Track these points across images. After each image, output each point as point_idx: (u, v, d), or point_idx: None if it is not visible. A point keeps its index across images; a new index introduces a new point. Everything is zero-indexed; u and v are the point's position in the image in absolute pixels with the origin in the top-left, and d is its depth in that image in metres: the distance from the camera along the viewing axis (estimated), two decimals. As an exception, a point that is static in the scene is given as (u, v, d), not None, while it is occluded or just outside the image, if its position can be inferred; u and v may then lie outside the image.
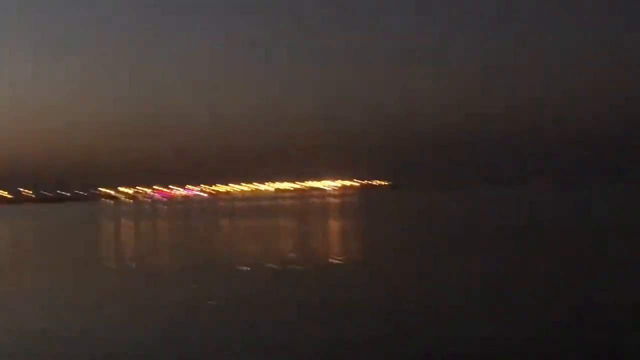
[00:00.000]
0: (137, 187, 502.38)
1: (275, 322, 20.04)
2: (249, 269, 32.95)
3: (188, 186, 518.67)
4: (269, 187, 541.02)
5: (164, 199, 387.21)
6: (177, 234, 66.89)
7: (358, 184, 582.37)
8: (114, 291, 27.87)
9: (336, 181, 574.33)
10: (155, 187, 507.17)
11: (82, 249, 52.00)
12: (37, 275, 35.40)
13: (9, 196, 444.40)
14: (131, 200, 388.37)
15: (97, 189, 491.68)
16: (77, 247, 54.97)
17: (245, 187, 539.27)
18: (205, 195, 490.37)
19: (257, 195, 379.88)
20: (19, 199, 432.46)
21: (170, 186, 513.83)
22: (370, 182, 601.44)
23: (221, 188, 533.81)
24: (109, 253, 49.19)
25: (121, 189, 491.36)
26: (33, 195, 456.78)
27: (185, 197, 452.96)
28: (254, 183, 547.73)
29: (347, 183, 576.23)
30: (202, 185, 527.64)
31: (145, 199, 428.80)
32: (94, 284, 30.32)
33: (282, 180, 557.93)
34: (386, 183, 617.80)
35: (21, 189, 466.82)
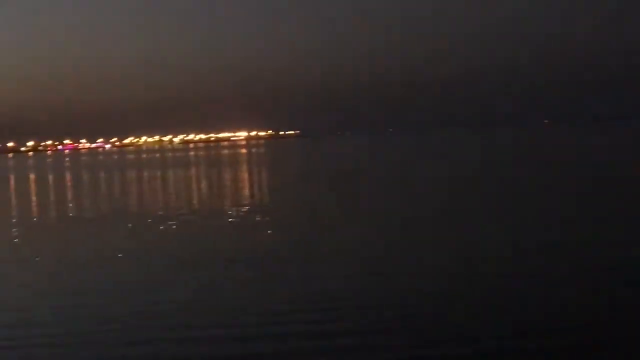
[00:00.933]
0: (45, 142, 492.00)
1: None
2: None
3: (98, 140, 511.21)
4: (176, 139, 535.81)
5: (68, 152, 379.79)
6: (68, 187, 65.73)
7: (267, 134, 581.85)
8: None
9: (245, 131, 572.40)
10: (65, 141, 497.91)
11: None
12: None
13: None
14: (31, 154, 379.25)
15: (2, 144, 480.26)
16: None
17: (151, 139, 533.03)
18: (110, 147, 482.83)
19: (162, 147, 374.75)
20: None
21: (81, 140, 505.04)
22: (280, 132, 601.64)
23: (127, 140, 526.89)
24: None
25: (28, 143, 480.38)
26: None
27: (91, 149, 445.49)
28: (161, 135, 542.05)
29: (256, 133, 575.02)
30: (111, 138, 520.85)
31: (49, 152, 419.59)
32: None
33: (190, 132, 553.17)
34: (295, 132, 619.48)
35: None
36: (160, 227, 30.24)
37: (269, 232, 27.16)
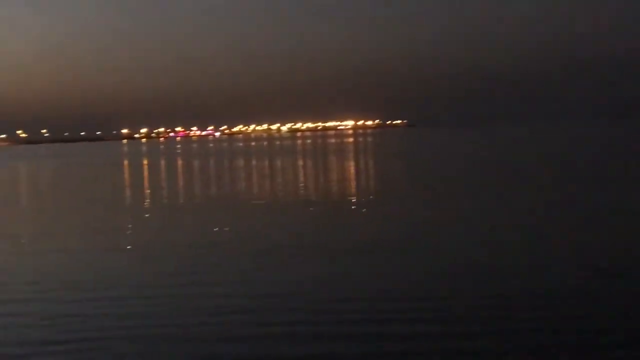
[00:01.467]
0: (157, 129, 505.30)
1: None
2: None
3: (208, 128, 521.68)
4: (284, 127, 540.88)
5: (179, 139, 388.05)
6: (188, 174, 65.85)
7: (374, 124, 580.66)
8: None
9: (352, 120, 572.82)
10: (176, 128, 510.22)
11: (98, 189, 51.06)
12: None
13: (24, 135, 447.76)
14: (145, 140, 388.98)
15: (117, 130, 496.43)
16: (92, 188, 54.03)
17: (259, 127, 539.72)
18: (219, 135, 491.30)
19: (271, 136, 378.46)
20: (37, 139, 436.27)
21: (192, 128, 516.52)
22: (388, 122, 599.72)
23: (236, 129, 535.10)
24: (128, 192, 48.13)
25: (142, 130, 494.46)
26: (47, 135, 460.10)
27: (201, 137, 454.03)
28: (269, 123, 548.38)
29: (364, 122, 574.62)
30: (220, 126, 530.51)
31: (161, 139, 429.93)
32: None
33: (298, 121, 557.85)
34: (403, 122, 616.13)
35: (42, 130, 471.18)
36: (268, 215, 29.15)
37: (383, 222, 25.67)
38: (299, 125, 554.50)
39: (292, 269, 18.06)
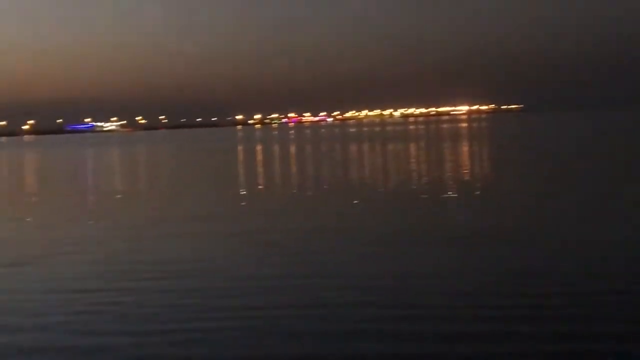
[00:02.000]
0: (270, 115, 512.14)
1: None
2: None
3: (320, 113, 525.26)
4: (396, 112, 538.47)
5: (292, 125, 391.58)
6: (306, 159, 66.14)
7: (489, 108, 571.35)
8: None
9: (466, 105, 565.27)
10: (289, 114, 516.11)
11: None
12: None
13: (143, 121, 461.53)
14: (259, 126, 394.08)
15: (232, 117, 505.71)
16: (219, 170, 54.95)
17: (371, 113, 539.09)
18: (331, 120, 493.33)
19: (383, 121, 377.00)
20: (154, 125, 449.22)
21: (305, 113, 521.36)
22: (501, 106, 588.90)
23: (349, 114, 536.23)
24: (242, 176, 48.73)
25: (255, 116, 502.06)
26: (165, 121, 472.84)
27: (314, 123, 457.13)
28: (381, 109, 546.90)
29: (478, 107, 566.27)
30: (332, 111, 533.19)
31: (274, 125, 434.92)
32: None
33: (410, 106, 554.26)
34: (517, 106, 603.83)
35: (160, 117, 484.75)
36: (381, 201, 28.72)
37: (499, 210, 24.86)
38: (411, 110, 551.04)
39: (412, 258, 17.60)
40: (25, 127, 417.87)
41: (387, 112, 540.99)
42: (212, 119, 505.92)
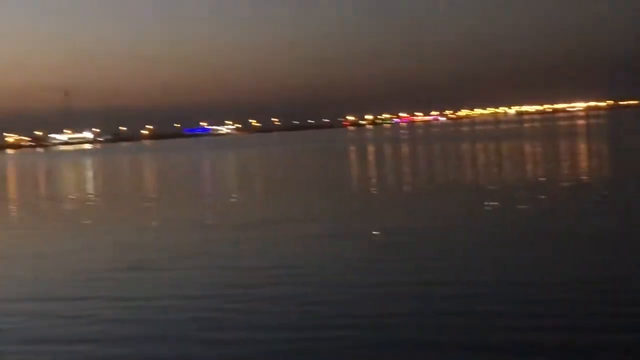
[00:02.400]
0: (381, 115, 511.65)
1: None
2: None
3: (432, 113, 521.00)
4: (510, 110, 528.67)
5: (404, 125, 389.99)
6: (418, 160, 65.49)
7: (607, 105, 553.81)
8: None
9: (582, 102, 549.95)
10: (400, 114, 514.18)
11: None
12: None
13: (257, 124, 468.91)
14: (370, 126, 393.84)
15: (342, 117, 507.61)
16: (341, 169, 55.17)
17: (484, 111, 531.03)
18: (444, 120, 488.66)
19: (496, 120, 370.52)
20: (267, 128, 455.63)
21: (416, 113, 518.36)
22: (620, 102, 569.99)
23: (462, 113, 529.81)
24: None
25: (367, 116, 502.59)
26: (278, 123, 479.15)
27: (426, 122, 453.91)
28: (494, 107, 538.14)
29: (595, 103, 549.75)
30: (444, 110, 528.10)
31: (386, 125, 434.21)
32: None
33: (524, 103, 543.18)
34: (637, 102, 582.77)
35: (274, 119, 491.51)
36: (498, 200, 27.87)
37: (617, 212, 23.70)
38: (525, 108, 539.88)
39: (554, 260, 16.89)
40: (145, 132, 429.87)
41: (501, 110, 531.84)
42: (324, 120, 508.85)
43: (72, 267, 19.42)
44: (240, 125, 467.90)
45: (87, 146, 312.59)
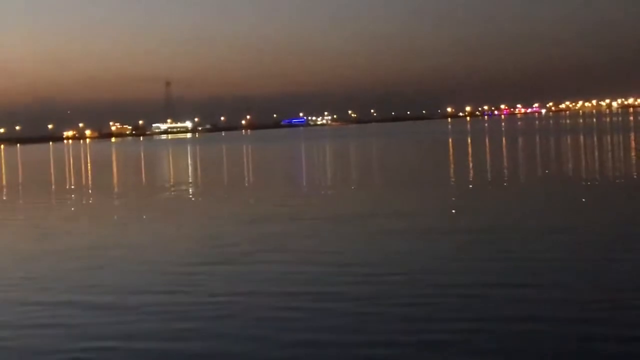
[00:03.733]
0: (481, 107, 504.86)
1: None
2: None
3: (533, 105, 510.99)
4: (614, 103, 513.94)
5: (502, 117, 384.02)
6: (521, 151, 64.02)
7: None
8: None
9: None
10: (500, 106, 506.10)
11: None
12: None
13: (354, 115, 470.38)
14: (469, 119, 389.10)
15: (441, 109, 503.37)
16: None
17: (588, 104, 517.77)
18: (544, 112, 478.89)
19: (600, 112, 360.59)
20: (364, 119, 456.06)
21: (517, 105, 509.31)
22: None
23: (564, 106, 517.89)
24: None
25: (466, 108, 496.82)
26: (375, 115, 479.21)
27: (526, 114, 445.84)
28: (597, 99, 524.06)
29: None
30: (546, 103, 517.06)
31: (484, 116, 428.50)
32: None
33: (630, 96, 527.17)
34: None
35: (371, 110, 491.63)
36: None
37: None
38: (630, 100, 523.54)
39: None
40: (243, 122, 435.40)
41: (604, 103, 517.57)
42: (422, 112, 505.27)
43: (159, 260, 19.42)
44: (336, 116, 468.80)
45: (188, 135, 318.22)
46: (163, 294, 15.39)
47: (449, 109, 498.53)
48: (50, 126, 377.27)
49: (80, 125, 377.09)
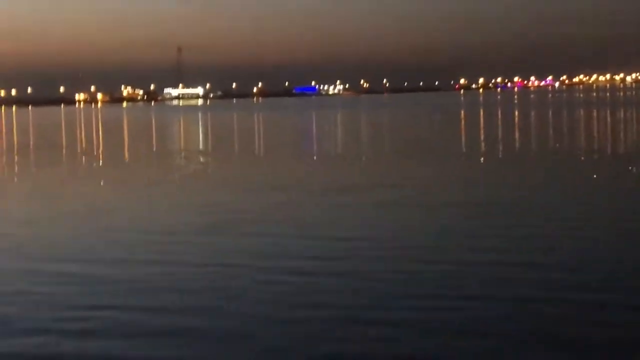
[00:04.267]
0: (494, 79, 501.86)
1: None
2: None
3: (547, 78, 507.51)
4: (628, 77, 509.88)
5: (515, 90, 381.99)
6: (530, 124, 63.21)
7: None
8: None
9: None
10: (514, 79, 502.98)
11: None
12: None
13: (366, 85, 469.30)
14: (482, 91, 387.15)
15: (454, 81, 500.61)
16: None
17: (602, 78, 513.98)
18: (557, 85, 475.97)
19: (613, 87, 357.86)
20: (376, 89, 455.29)
21: (530, 78, 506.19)
22: None
23: (577, 79, 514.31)
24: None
25: (479, 80, 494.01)
26: (388, 85, 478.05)
27: (539, 87, 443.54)
28: (612, 73, 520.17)
29: None
30: (559, 76, 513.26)
31: (498, 89, 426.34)
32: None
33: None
34: None
35: (383, 81, 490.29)
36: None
37: None
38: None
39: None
40: (255, 89, 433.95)
41: (618, 77, 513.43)
42: (435, 83, 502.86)
43: (151, 228, 18.80)
44: (348, 86, 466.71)
45: (199, 101, 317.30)
46: (150, 264, 14.76)
47: (462, 81, 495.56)
48: (62, 89, 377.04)
49: (92, 88, 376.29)
